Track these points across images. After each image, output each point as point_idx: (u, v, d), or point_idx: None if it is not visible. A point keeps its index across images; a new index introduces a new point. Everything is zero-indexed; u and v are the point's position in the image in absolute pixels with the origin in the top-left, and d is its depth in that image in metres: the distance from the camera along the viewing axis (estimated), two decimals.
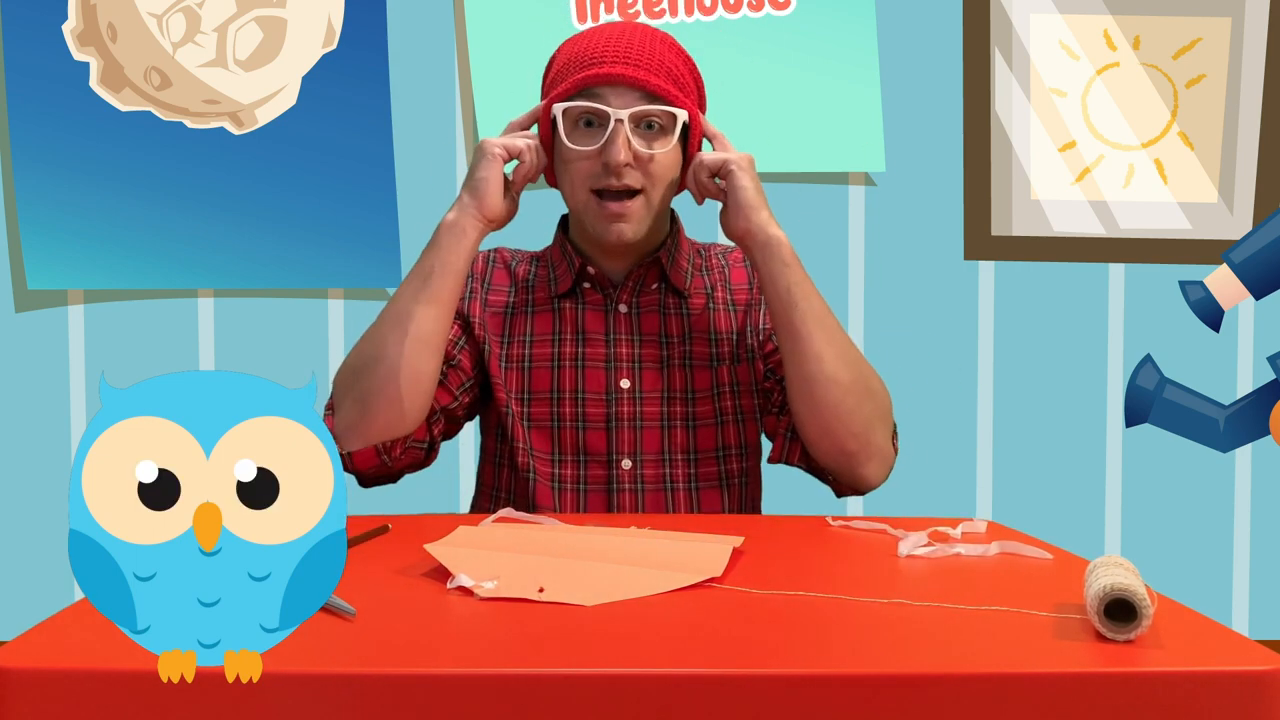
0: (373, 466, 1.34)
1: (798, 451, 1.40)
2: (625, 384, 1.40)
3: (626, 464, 1.39)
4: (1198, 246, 2.32)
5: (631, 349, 1.42)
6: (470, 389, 1.42)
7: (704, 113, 1.42)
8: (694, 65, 1.40)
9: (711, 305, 1.45)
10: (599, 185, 1.33)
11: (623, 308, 1.42)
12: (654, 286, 1.44)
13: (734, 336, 1.44)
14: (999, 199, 2.33)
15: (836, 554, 1.04)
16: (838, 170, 2.32)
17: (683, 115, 1.33)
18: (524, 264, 1.49)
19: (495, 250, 1.51)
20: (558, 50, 1.40)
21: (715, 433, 1.41)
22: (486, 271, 1.47)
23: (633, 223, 1.35)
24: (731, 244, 1.52)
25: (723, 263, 1.50)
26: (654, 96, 1.32)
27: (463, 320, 1.43)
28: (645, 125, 1.33)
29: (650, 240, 1.41)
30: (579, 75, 1.32)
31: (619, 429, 1.39)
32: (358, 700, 0.69)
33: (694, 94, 1.39)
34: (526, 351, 1.42)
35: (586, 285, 1.43)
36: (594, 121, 1.33)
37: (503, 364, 1.42)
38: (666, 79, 1.33)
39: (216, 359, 2.27)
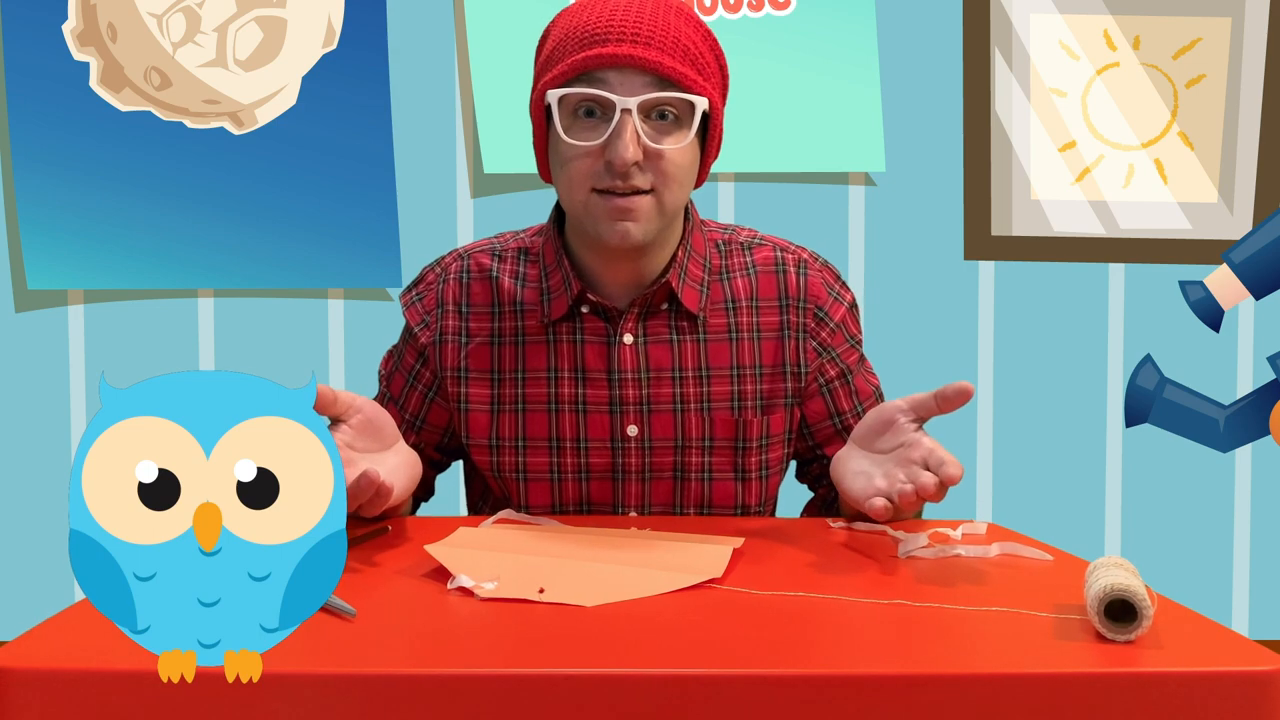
0: None
1: (824, 513, 1.33)
2: (633, 430, 1.23)
3: (633, 518, 1.24)
4: (1198, 246, 2.32)
5: (639, 390, 1.22)
6: (440, 463, 1.33)
7: (726, 98, 1.20)
8: (715, 41, 1.17)
9: (734, 333, 1.24)
10: (602, 186, 1.12)
11: (627, 338, 1.22)
12: (663, 307, 1.23)
13: (759, 373, 1.25)
14: (999, 199, 2.33)
15: (836, 554, 1.04)
16: (838, 170, 2.32)
17: (702, 104, 1.12)
18: (508, 263, 1.26)
19: (469, 255, 1.28)
20: (553, 22, 1.18)
21: (735, 489, 1.25)
22: (461, 295, 1.26)
23: (641, 222, 1.14)
24: (756, 233, 1.32)
25: (748, 262, 1.27)
26: (667, 81, 1.11)
27: (435, 387, 1.27)
28: (657, 115, 1.12)
29: (659, 245, 1.21)
30: (578, 55, 1.11)
31: (625, 480, 1.24)
32: (358, 700, 0.69)
33: (716, 76, 1.17)
34: (519, 391, 1.23)
35: (585, 309, 1.23)
36: (596, 111, 1.12)
37: (493, 407, 1.24)
38: (683, 60, 1.11)
39: (216, 359, 2.27)
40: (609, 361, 1.22)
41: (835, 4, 2.29)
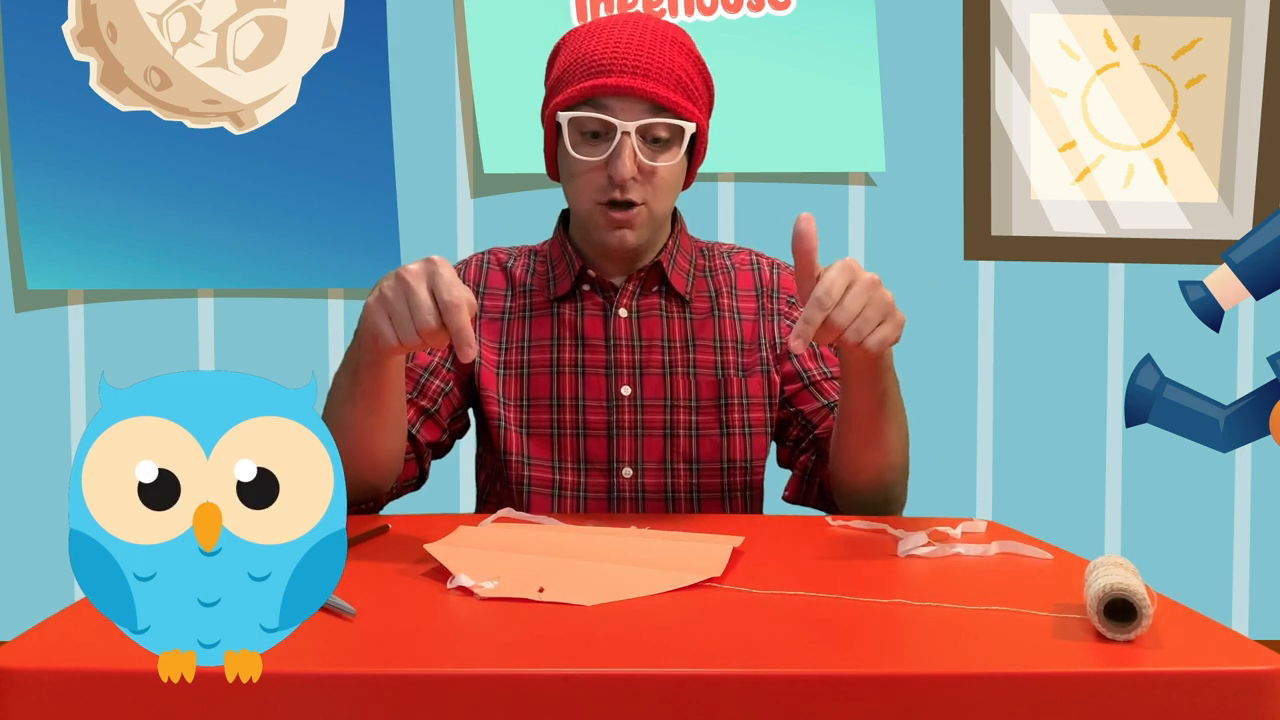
0: (366, 507, 1.30)
1: (814, 492, 1.39)
2: (626, 390, 1.36)
3: (627, 472, 1.35)
4: (1198, 246, 2.32)
5: (632, 355, 1.37)
6: (458, 417, 1.39)
7: (710, 113, 1.38)
8: (704, 65, 1.35)
9: (716, 311, 1.41)
10: (604, 198, 1.30)
11: (622, 312, 1.38)
12: (655, 289, 1.39)
13: (740, 346, 1.40)
14: (999, 199, 2.33)
15: (836, 554, 1.04)
16: (838, 170, 2.32)
17: (690, 128, 1.29)
18: (521, 260, 1.44)
19: (489, 252, 1.46)
20: (563, 42, 1.35)
21: (720, 444, 1.37)
22: (480, 277, 1.42)
23: (636, 229, 1.32)
24: (735, 245, 1.50)
25: (727, 264, 1.45)
26: (662, 109, 1.28)
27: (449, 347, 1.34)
28: (652, 137, 1.29)
29: (652, 243, 1.38)
30: (586, 83, 1.27)
31: (620, 436, 1.36)
32: (358, 700, 0.69)
33: (704, 99, 1.34)
34: (525, 358, 1.38)
35: (586, 288, 1.39)
36: (600, 132, 1.29)
37: (500, 371, 1.37)
38: (676, 89, 1.29)
39: (216, 359, 2.27)
40: (606, 330, 1.38)
41: (835, 4, 2.29)
